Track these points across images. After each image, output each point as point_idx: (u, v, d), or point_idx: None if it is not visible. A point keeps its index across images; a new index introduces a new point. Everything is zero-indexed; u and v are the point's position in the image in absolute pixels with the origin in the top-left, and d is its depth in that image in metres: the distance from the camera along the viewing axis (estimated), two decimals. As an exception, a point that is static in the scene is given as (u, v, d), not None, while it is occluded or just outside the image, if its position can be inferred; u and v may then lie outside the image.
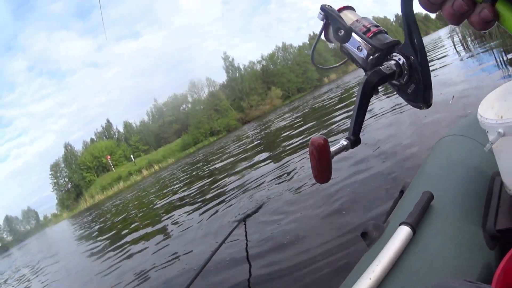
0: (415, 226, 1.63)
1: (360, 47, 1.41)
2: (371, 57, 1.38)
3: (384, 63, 1.31)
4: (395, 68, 1.29)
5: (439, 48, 22.83)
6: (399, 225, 1.63)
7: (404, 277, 1.52)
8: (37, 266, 17.11)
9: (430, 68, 1.29)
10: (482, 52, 12.70)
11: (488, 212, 1.84)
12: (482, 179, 2.03)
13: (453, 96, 7.16)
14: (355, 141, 1.30)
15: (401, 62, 1.29)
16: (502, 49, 10.49)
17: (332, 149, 1.23)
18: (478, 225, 1.78)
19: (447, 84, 9.74)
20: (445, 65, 13.85)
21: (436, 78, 11.64)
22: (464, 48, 14.94)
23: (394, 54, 1.31)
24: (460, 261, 1.61)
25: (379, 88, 1.33)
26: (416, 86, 1.30)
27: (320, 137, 1.21)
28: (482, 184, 2.00)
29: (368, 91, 1.29)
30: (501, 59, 9.46)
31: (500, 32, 11.82)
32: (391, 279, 1.51)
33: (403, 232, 1.59)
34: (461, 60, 13.78)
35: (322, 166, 1.22)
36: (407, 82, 1.32)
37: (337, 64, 1.75)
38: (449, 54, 16.73)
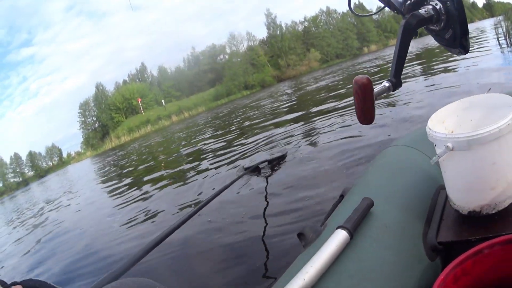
0: (353, 231, 1.62)
1: None
2: (408, 1, 1.42)
3: (421, 8, 1.38)
4: (433, 13, 1.35)
5: (481, 37, 22.48)
6: (336, 228, 1.62)
7: (338, 281, 1.52)
8: (53, 201, 17.41)
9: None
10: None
11: (430, 223, 1.85)
12: (426, 191, 2.03)
13: (490, 89, 7.04)
14: (396, 83, 1.38)
15: (438, 7, 1.34)
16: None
17: (375, 90, 1.29)
18: (419, 236, 1.79)
19: (483, 74, 9.55)
20: (485, 55, 13.55)
21: (473, 66, 11.47)
22: (507, 42, 14.62)
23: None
24: (398, 271, 1.62)
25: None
26: (454, 32, 1.36)
27: (363, 76, 1.26)
28: (426, 196, 2.00)
29: (408, 33, 1.35)
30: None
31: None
32: (325, 282, 1.51)
33: (339, 236, 1.59)
34: (502, 52, 13.48)
35: (366, 106, 1.29)
36: (445, 28, 1.38)
37: (374, 11, 1.84)
38: (490, 45, 16.43)
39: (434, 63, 15.85)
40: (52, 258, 6.84)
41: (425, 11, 1.35)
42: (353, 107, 1.38)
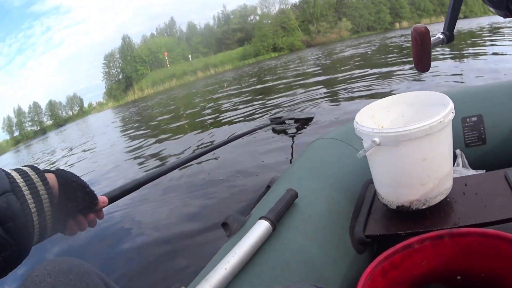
0: (275, 222, 1.62)
1: None
2: None
3: None
4: None
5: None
6: (259, 219, 1.62)
7: (260, 272, 1.52)
8: (67, 149, 17.52)
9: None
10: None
11: (358, 217, 1.86)
12: (355, 184, 2.05)
13: None
14: (450, 36, 1.45)
15: None
16: None
17: (431, 40, 1.35)
18: (345, 228, 1.80)
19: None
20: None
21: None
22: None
23: None
24: (322, 262, 1.62)
25: None
26: None
27: (422, 25, 1.33)
28: (354, 189, 2.02)
29: None
30: None
31: None
32: (247, 272, 1.51)
33: (261, 227, 1.58)
34: None
35: (424, 53, 1.34)
36: None
37: None
38: None
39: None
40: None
41: None
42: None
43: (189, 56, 79.09)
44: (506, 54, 10.56)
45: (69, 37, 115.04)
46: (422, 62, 1.37)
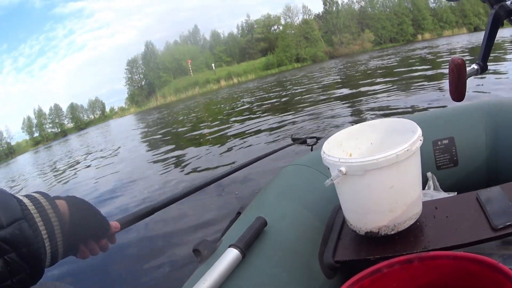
0: (245, 250, 1.63)
1: None
2: None
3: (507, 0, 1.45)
4: None
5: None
6: (229, 246, 1.63)
7: None
8: (87, 153, 17.59)
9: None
10: None
11: (327, 242, 1.87)
12: (324, 211, 2.06)
13: None
14: (483, 67, 1.50)
15: None
16: None
17: (467, 70, 1.41)
18: (315, 255, 1.81)
19: None
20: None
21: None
22: None
23: None
24: None
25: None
26: None
27: (458, 57, 1.39)
28: (323, 215, 2.03)
29: (496, 23, 1.47)
30: None
31: None
32: None
33: (231, 255, 1.59)
34: None
35: (460, 83, 1.42)
36: None
37: None
38: None
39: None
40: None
41: (510, 3, 1.44)
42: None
43: (212, 64, 79.25)
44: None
45: (92, 40, 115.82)
46: (458, 92, 1.46)
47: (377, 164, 1.55)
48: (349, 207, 1.80)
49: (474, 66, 1.49)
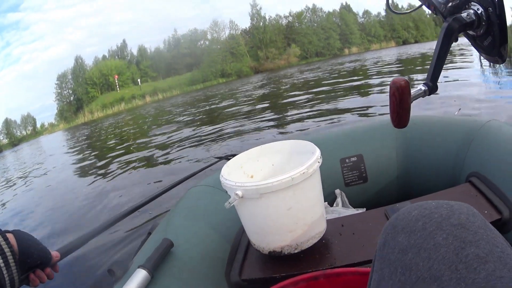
0: (153, 270, 1.65)
1: None
2: (451, 3, 1.36)
3: (463, 11, 1.31)
4: (474, 18, 1.28)
5: (464, 53, 22.30)
6: (138, 267, 1.65)
7: None
8: (23, 172, 17.26)
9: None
10: (506, 73, 12.30)
11: (233, 261, 1.91)
12: (230, 231, 2.10)
13: (459, 109, 6.93)
14: (432, 87, 1.32)
15: (479, 12, 1.27)
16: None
17: (412, 93, 1.24)
18: (221, 273, 1.84)
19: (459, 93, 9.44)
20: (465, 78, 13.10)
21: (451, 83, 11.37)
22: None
23: (473, 3, 1.30)
24: None
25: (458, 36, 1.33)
26: (493, 39, 1.28)
27: (401, 78, 1.20)
28: (229, 235, 2.07)
29: (449, 37, 1.31)
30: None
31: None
32: None
33: (140, 275, 1.61)
34: (482, 73, 13.32)
35: (403, 109, 1.23)
36: (484, 34, 1.31)
37: (413, 9, 1.75)
38: (472, 63, 16.18)
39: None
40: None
41: (467, 15, 1.30)
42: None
43: (139, 80, 78.51)
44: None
45: (27, 53, 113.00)
46: (400, 118, 1.26)
47: (272, 188, 1.57)
48: (250, 228, 1.82)
49: (421, 87, 1.33)
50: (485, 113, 6.70)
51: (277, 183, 1.56)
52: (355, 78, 19.14)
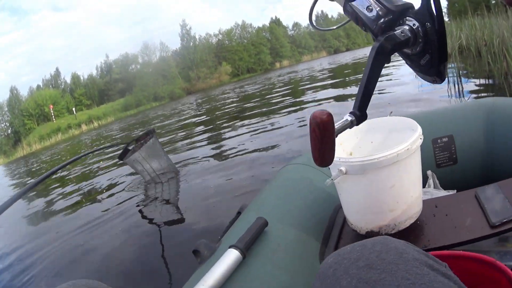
0: (245, 251, 1.62)
1: (370, 7, 1.23)
2: (382, 19, 1.20)
3: (396, 28, 1.15)
4: (410, 35, 1.13)
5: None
6: (229, 247, 1.61)
7: None
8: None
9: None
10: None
11: (328, 243, 1.86)
12: (324, 210, 2.06)
13: (391, 112, 6.96)
14: (360, 116, 1.14)
15: (415, 27, 1.13)
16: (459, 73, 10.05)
17: (336, 126, 1.06)
18: (315, 255, 1.80)
19: (392, 98, 9.62)
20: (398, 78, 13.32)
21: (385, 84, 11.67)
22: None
23: (408, 18, 1.15)
24: None
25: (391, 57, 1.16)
26: (431, 58, 1.15)
27: (323, 111, 1.00)
28: (324, 215, 2.03)
29: (381, 59, 1.12)
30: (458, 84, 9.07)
31: (463, 57, 11.82)
32: None
33: (231, 255, 1.58)
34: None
35: (325, 147, 1.04)
36: (421, 52, 1.17)
37: (338, 25, 1.61)
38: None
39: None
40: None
41: (401, 32, 1.13)
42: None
43: (73, 109, 77.50)
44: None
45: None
46: (323, 156, 1.05)
47: (377, 164, 1.53)
48: (350, 207, 1.78)
49: (348, 117, 1.13)
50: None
51: (383, 159, 1.52)
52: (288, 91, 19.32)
